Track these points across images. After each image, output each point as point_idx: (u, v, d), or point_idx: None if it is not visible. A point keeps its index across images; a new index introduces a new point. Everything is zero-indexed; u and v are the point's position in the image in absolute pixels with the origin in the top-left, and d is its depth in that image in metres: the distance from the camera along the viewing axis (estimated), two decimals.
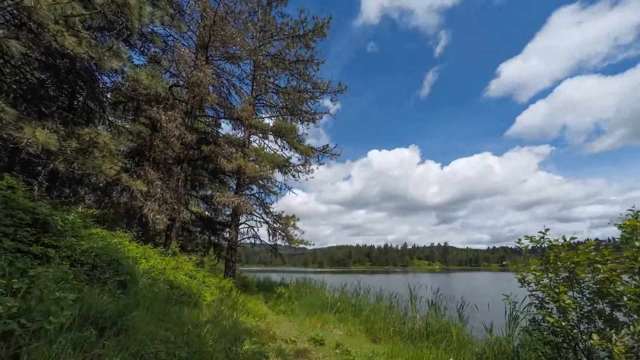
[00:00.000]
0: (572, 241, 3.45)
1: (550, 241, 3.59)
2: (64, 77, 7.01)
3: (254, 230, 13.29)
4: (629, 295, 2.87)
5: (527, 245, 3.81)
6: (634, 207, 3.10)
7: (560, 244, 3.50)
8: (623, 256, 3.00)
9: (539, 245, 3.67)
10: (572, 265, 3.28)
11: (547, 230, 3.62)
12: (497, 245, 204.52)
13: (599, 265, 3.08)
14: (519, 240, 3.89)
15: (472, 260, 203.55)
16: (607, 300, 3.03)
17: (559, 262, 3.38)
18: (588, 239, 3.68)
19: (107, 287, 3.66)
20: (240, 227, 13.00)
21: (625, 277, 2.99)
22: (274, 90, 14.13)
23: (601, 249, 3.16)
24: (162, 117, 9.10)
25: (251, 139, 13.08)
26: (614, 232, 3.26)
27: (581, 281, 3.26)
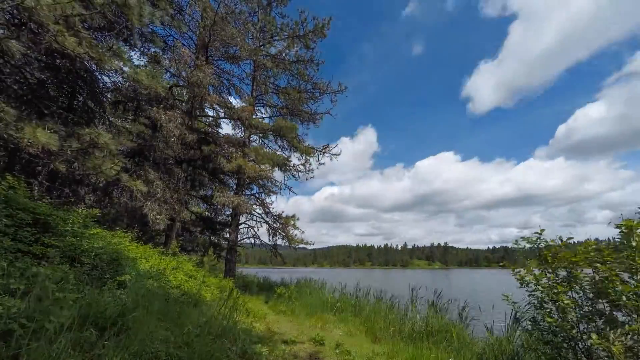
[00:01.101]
0: (569, 241, 3.46)
1: (547, 241, 3.60)
2: (64, 77, 7.02)
3: (254, 230, 13.30)
4: (627, 294, 2.87)
5: (524, 246, 3.82)
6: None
7: (557, 244, 3.50)
8: (621, 256, 3.00)
9: (535, 246, 3.68)
10: (571, 266, 3.29)
11: (542, 230, 3.63)
12: (498, 246, 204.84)
13: (598, 265, 3.08)
14: (516, 241, 3.90)
15: (472, 260, 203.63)
16: (606, 300, 3.03)
17: (556, 262, 3.39)
18: (588, 239, 3.68)
19: (107, 287, 3.67)
20: (240, 227, 13.00)
21: (625, 277, 3.00)
22: (274, 91, 14.14)
23: (602, 248, 3.17)
24: (162, 117, 9.11)
25: (251, 139, 13.08)
26: None
27: (580, 281, 3.26)
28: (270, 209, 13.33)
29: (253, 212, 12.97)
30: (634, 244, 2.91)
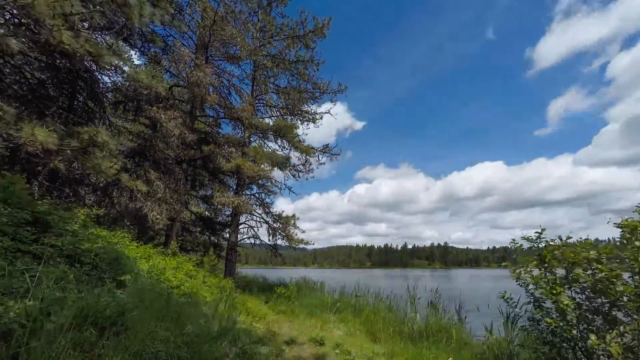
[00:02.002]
0: (568, 241, 3.46)
1: (547, 241, 3.61)
2: (64, 77, 7.02)
3: (254, 230, 13.29)
4: (628, 295, 2.87)
5: (521, 245, 3.84)
6: None
7: (556, 244, 3.51)
8: (623, 255, 3.00)
9: (535, 245, 3.69)
10: (570, 265, 3.29)
11: (543, 230, 3.64)
12: (498, 246, 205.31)
13: (598, 265, 3.08)
14: (514, 240, 3.91)
15: (472, 260, 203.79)
16: (606, 300, 3.03)
17: (555, 262, 3.39)
18: (587, 238, 3.68)
19: (107, 287, 3.66)
20: (240, 227, 13.00)
21: (626, 277, 3.00)
22: (274, 91, 14.14)
23: (599, 247, 3.17)
24: (162, 117, 9.11)
25: (251, 139, 13.08)
26: None
27: (580, 280, 3.26)
28: (271, 209, 13.33)
29: (253, 212, 12.97)
30: (637, 244, 2.90)
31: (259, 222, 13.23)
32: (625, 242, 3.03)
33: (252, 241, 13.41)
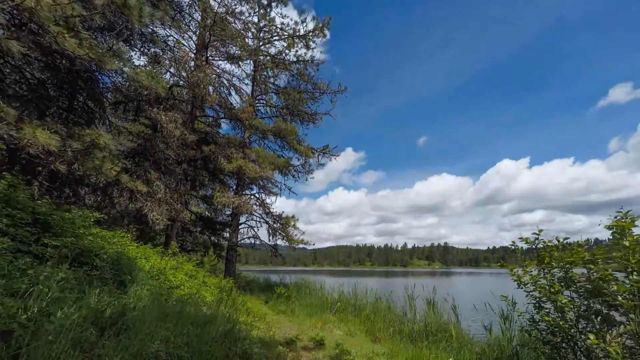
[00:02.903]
0: (565, 242, 3.49)
1: (544, 242, 3.63)
2: (64, 78, 7.02)
3: (254, 230, 13.31)
4: (623, 294, 2.89)
5: (522, 247, 3.86)
6: (622, 208, 3.15)
7: (553, 245, 3.54)
8: (615, 256, 3.03)
9: (533, 247, 3.72)
10: (567, 266, 3.32)
11: (540, 231, 3.67)
12: (498, 246, 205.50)
13: (592, 266, 3.11)
14: (514, 242, 3.93)
15: (471, 260, 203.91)
16: (602, 300, 3.05)
17: (553, 263, 3.42)
18: (588, 239, 3.71)
19: (107, 287, 3.67)
20: (240, 227, 13.01)
21: (621, 277, 3.02)
22: (274, 91, 14.15)
23: (595, 248, 3.21)
24: (163, 117, 9.11)
25: (251, 139, 13.10)
26: None
27: (577, 281, 3.29)
28: (271, 209, 13.34)
29: (253, 212, 12.98)
30: (626, 244, 2.93)
31: (259, 222, 13.25)
32: (617, 242, 3.06)
33: (252, 241, 13.43)
